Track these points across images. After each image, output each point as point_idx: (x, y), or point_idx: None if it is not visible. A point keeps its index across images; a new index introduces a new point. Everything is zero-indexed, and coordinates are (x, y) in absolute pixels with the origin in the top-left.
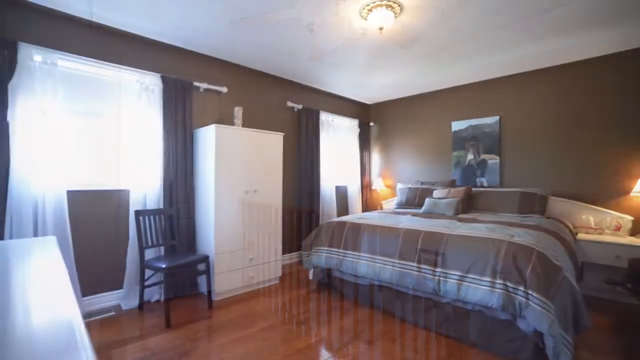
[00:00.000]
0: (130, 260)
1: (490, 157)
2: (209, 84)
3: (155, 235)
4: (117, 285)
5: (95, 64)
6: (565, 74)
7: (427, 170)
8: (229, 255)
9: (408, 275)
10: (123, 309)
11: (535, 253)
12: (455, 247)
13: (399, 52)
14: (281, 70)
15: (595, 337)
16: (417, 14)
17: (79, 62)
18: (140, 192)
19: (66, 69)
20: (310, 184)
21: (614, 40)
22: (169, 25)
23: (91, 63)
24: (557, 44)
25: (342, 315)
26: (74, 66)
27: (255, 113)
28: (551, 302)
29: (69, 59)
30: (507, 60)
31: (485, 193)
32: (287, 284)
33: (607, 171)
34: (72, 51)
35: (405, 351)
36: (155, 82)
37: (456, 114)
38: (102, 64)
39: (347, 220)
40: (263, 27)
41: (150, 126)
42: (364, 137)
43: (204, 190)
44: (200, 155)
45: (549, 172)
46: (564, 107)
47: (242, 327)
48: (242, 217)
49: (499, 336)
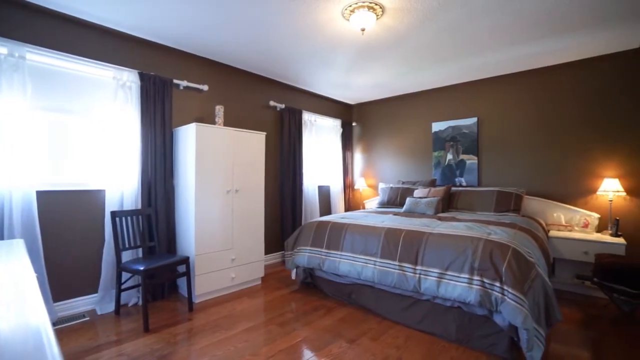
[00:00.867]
0: (105, 263)
1: (469, 157)
2: (189, 82)
3: (133, 237)
4: (92, 290)
5: (68, 58)
6: (539, 78)
7: (409, 170)
8: (210, 256)
9: (389, 273)
10: (98, 314)
11: (511, 250)
12: (435, 245)
13: (381, 53)
14: (264, 70)
15: (566, 329)
16: (399, 16)
17: (50, 56)
18: (116, 192)
19: (36, 62)
20: (292, 184)
21: (588, 46)
22: (148, 20)
23: (64, 57)
24: (533, 49)
25: (325, 314)
26: (44, 60)
27: (237, 112)
28: (525, 297)
29: (39, 53)
30: (485, 64)
31: (464, 192)
32: (270, 284)
33: (576, 171)
34: (42, 44)
35: (387, 349)
36: (133, 79)
37: (436, 115)
38: (75, 58)
39: (329, 220)
40: (246, 25)
41: (127, 124)
42: (346, 137)
43: (184, 190)
44: (180, 155)
45: (523, 172)
46: (537, 110)
47: (223, 329)
48: (224, 217)
49: (477, 331)
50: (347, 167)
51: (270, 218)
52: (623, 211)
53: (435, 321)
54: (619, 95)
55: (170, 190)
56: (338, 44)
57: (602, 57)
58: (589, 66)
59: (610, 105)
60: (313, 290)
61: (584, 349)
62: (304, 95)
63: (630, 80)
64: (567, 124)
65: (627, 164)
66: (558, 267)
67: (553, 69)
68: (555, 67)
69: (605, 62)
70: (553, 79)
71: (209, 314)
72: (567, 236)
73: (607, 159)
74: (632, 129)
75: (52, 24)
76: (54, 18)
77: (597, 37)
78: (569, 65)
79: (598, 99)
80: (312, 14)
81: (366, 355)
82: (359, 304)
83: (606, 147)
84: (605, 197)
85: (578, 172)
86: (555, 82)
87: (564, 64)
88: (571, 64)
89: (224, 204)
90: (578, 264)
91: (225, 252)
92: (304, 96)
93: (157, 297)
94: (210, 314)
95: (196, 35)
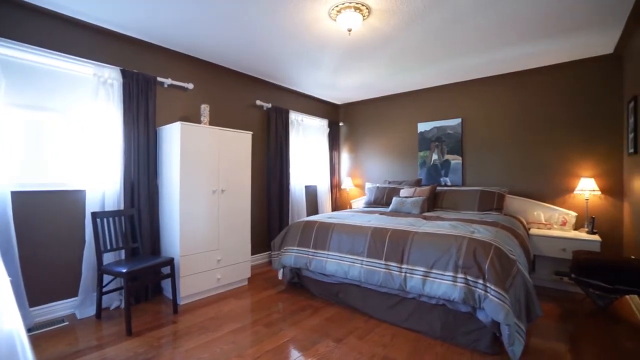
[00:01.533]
0: (86, 266)
1: (454, 157)
2: (174, 80)
3: (115, 238)
4: (72, 293)
5: (45, 53)
6: (520, 80)
7: (395, 170)
8: (195, 257)
9: (376, 272)
10: (78, 318)
11: (493, 248)
12: (420, 244)
13: (367, 54)
14: (250, 68)
15: (545, 324)
16: (385, 17)
17: (25, 50)
18: (97, 193)
19: (10, 57)
20: (279, 184)
21: (566, 50)
22: (130, 17)
23: (40, 52)
24: (515, 52)
25: (312, 314)
26: (19, 55)
27: (223, 111)
28: (506, 294)
29: (13, 47)
30: (469, 66)
31: (448, 192)
32: (256, 285)
33: (555, 171)
34: (17, 38)
35: (373, 347)
36: (115, 76)
37: (422, 115)
38: (52, 53)
39: (316, 220)
40: (232, 23)
41: (109, 122)
42: (333, 137)
43: (169, 190)
44: (164, 154)
45: (506, 172)
46: (519, 112)
47: (209, 331)
48: (209, 217)
49: (461, 328)
50: (334, 167)
51: (257, 218)
52: (598, 209)
53: (421, 319)
54: (595, 98)
55: (154, 190)
56: (325, 44)
57: (580, 61)
58: (568, 70)
59: (587, 108)
60: (300, 290)
61: (562, 343)
62: (291, 94)
63: (604, 85)
64: (546, 126)
65: (602, 165)
66: (538, 264)
67: (534, 72)
68: (535, 70)
69: (583, 66)
70: (534, 81)
71: (194, 316)
72: (546, 234)
73: (584, 160)
74: (606, 131)
75: (28, 17)
76: (29, 11)
77: (575, 42)
78: (549, 68)
79: (575, 101)
80: (299, 14)
81: (353, 354)
82: (346, 304)
83: (583, 148)
84: (582, 196)
85: (557, 172)
86: (535, 85)
87: (544, 67)
88: (551, 67)
89: (209, 204)
90: (557, 260)
91: (211, 252)
92: (291, 96)
93: (140, 300)
94: (196, 316)
95: (181, 32)
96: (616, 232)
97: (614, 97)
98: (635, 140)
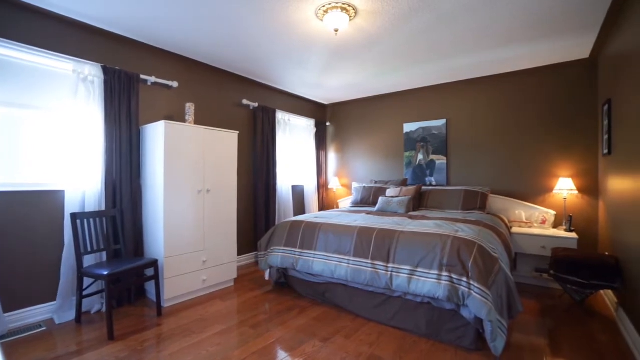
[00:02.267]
0: (65, 269)
1: (438, 157)
2: (158, 78)
3: (96, 240)
4: (50, 298)
5: (22, 48)
6: (502, 83)
7: (381, 169)
8: (180, 259)
9: (362, 272)
10: (57, 323)
11: (476, 246)
12: (406, 243)
13: (354, 54)
14: (237, 67)
15: (526, 319)
16: (371, 18)
17: (1, 45)
18: (77, 193)
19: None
20: (266, 184)
21: (545, 54)
22: (112, 12)
23: (17, 47)
24: (497, 55)
25: (299, 314)
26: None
27: (209, 110)
28: (489, 291)
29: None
30: (453, 68)
31: (433, 191)
32: (243, 285)
33: (535, 171)
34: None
35: (360, 346)
36: (96, 73)
37: (408, 116)
38: (30, 49)
39: (303, 220)
40: (218, 21)
41: (89, 120)
42: (320, 136)
43: (153, 190)
44: (148, 153)
45: (489, 172)
46: (501, 113)
47: (194, 333)
48: (195, 218)
49: (445, 325)
50: (321, 167)
51: (243, 218)
52: (576, 208)
53: (407, 317)
54: (572, 101)
55: (138, 190)
56: (312, 44)
57: (558, 65)
58: (546, 73)
59: (564, 111)
60: (287, 291)
61: (541, 337)
62: (278, 94)
63: (581, 88)
64: (527, 127)
65: (579, 165)
66: (520, 262)
67: (515, 74)
68: (516, 73)
69: (561, 70)
70: (514, 84)
71: (179, 318)
72: (527, 232)
73: (562, 160)
74: (583, 133)
75: (3, 11)
76: (5, 4)
77: (553, 46)
78: (529, 71)
79: (554, 104)
80: (285, 13)
81: (340, 353)
82: (333, 303)
83: (561, 149)
84: (560, 195)
85: (537, 172)
86: (516, 87)
87: (524, 70)
88: (531, 70)
89: (195, 205)
90: (537, 258)
91: (197, 253)
92: (277, 95)
93: (123, 303)
94: (181, 318)
95: (165, 30)
96: (592, 230)
97: (590, 100)
98: (609, 142)
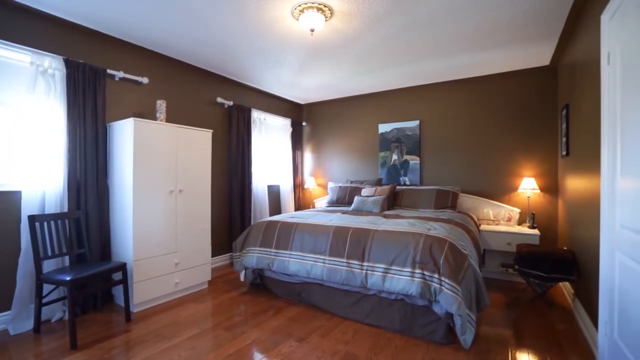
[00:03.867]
0: (22, 275)
1: (412, 157)
2: (127, 73)
3: (57, 244)
4: (3, 307)
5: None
6: (471, 86)
7: (357, 169)
8: (150, 261)
9: (338, 271)
10: (11, 334)
11: (447, 244)
12: (380, 242)
13: (329, 55)
14: (211, 65)
15: (492, 312)
16: (347, 19)
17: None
18: (36, 194)
19: None
20: (241, 183)
21: (510, 60)
22: (79, 3)
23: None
24: (465, 59)
25: (274, 315)
26: None
27: (182, 108)
28: (459, 286)
29: None
30: (426, 70)
31: (407, 191)
32: (217, 287)
33: (502, 171)
34: None
35: (336, 344)
36: (57, 66)
37: (383, 116)
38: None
39: (278, 220)
40: (190, 17)
41: (49, 116)
42: (296, 136)
43: (121, 190)
44: (115, 152)
45: (459, 171)
46: (470, 115)
47: (166, 338)
48: (166, 219)
49: (418, 321)
50: (297, 167)
51: (217, 219)
52: (538, 206)
53: (381, 314)
54: (534, 105)
55: (104, 190)
56: (288, 43)
57: (521, 71)
58: (511, 79)
59: (527, 114)
60: (262, 291)
61: (507, 328)
62: (254, 93)
63: (542, 93)
64: (494, 129)
65: (541, 166)
66: (487, 257)
67: (482, 79)
68: (484, 78)
69: (524, 75)
70: (482, 88)
71: (149, 323)
72: (494, 229)
73: (526, 161)
74: (545, 135)
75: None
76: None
77: (516, 53)
78: (495, 76)
79: (518, 108)
80: (261, 11)
81: (316, 352)
82: (309, 303)
83: (525, 151)
84: (524, 194)
85: (503, 172)
86: (484, 91)
87: (490, 75)
88: (496, 75)
89: (166, 205)
90: (504, 253)
91: (168, 256)
92: (253, 94)
93: (88, 310)
94: (151, 323)
95: (134, 23)
96: (552, 226)
97: (551, 105)
98: (567, 144)
